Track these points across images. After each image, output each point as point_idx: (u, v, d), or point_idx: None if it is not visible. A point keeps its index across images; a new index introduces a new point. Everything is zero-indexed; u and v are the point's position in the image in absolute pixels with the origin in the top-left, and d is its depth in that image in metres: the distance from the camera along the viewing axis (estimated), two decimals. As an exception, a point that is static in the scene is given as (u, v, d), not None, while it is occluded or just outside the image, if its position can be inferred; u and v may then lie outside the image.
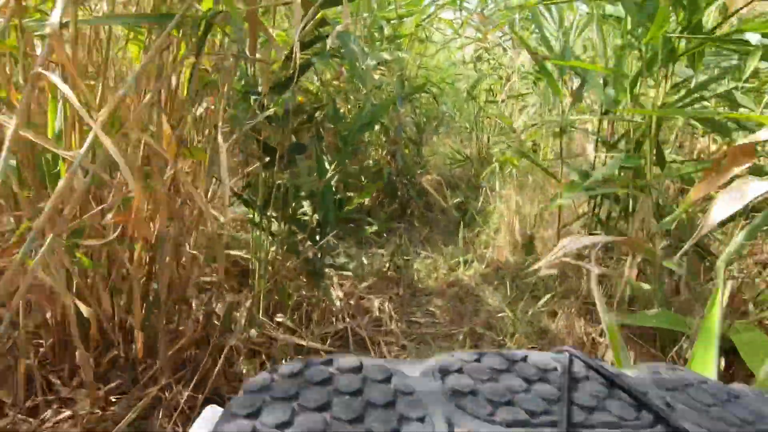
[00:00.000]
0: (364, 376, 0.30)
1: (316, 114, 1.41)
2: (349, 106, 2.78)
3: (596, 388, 0.31)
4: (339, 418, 0.26)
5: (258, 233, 1.39)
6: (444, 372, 0.31)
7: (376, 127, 2.94)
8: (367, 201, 2.98)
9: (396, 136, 2.88)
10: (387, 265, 2.02)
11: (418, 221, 2.98)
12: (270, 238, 1.43)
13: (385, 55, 2.44)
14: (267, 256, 1.45)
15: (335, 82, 2.37)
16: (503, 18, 2.67)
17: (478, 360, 0.32)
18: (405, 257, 2.43)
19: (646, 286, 1.07)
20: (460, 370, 0.31)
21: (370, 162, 2.89)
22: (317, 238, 1.41)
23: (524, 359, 0.33)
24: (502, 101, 3.09)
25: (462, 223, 2.89)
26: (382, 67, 2.76)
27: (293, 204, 1.41)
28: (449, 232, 2.87)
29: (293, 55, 1.05)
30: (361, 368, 0.31)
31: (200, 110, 1.62)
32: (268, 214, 1.40)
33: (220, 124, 1.05)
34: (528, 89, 3.17)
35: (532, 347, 1.49)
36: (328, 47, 1.11)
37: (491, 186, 2.71)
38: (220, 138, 1.02)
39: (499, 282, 1.97)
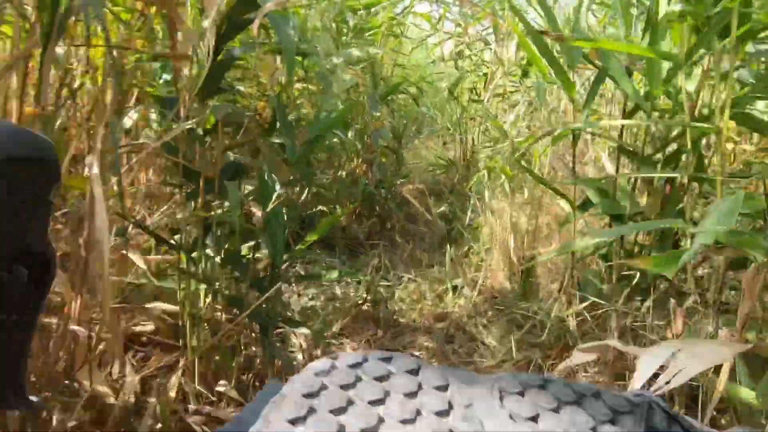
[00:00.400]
0: (420, 380, 0.29)
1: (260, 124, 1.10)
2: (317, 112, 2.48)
3: None
4: (392, 416, 0.26)
5: (188, 282, 1.07)
6: (503, 392, 0.30)
7: (351, 134, 2.65)
8: (344, 215, 2.68)
9: (372, 143, 2.58)
10: (363, 296, 1.71)
11: (400, 236, 2.68)
12: (205, 286, 1.11)
13: (355, 51, 2.13)
14: (203, 308, 1.13)
15: (299, 84, 2.06)
16: (486, 6, 2.39)
17: (542, 386, 0.30)
18: (385, 282, 2.13)
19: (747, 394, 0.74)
20: (521, 393, 0.30)
21: (344, 173, 2.58)
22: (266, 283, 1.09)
23: (596, 396, 0.30)
24: (487, 101, 2.82)
25: (449, 238, 2.60)
26: (353, 67, 2.46)
27: (234, 242, 1.09)
28: (435, 248, 2.58)
29: (208, 47, 0.74)
30: (419, 371, 0.30)
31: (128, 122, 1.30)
32: (202, 255, 1.08)
33: (98, 144, 0.73)
34: (515, 86, 2.91)
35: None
36: (255, 32, 0.80)
37: (480, 196, 2.43)
38: (94, 167, 0.69)
39: (495, 314, 1.68)
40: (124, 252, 1.07)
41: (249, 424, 0.28)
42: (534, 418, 0.27)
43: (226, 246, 1.03)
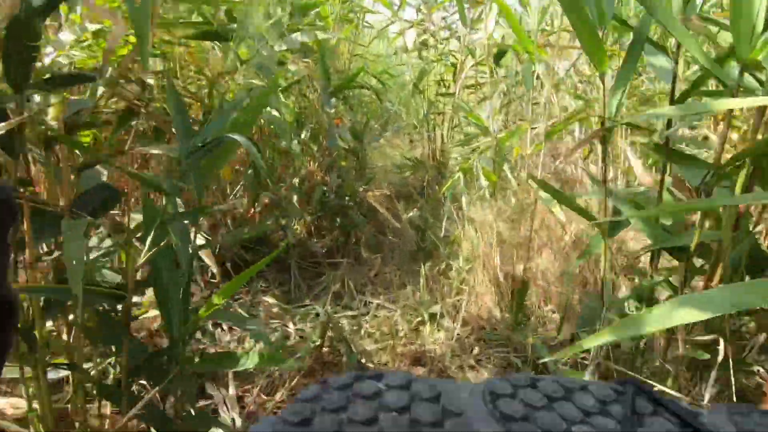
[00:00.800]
0: (412, 394, 0.30)
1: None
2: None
3: (665, 426, 0.28)
4: None
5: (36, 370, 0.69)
6: (495, 395, 0.30)
7: (305, 134, 2.29)
8: (300, 229, 2.32)
9: (329, 145, 2.24)
10: (317, 342, 1.37)
11: (366, 250, 2.34)
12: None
13: (301, 38, 1.78)
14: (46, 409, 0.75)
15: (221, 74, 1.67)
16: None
17: (532, 386, 0.31)
18: (349, 311, 1.79)
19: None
20: (512, 395, 0.30)
21: (296, 181, 2.22)
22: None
23: (583, 388, 0.31)
24: (457, 93, 2.54)
25: (422, 251, 2.29)
26: (302, 57, 2.11)
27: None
28: (407, 262, 2.27)
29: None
30: (409, 385, 0.31)
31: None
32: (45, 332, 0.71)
33: None
34: (484, 77, 2.64)
35: None
36: None
37: (455, 202, 2.13)
38: None
39: (482, 350, 1.38)
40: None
41: None
42: (526, 417, 0.28)
43: (92, 314, 0.67)
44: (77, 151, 0.70)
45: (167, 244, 0.68)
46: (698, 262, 0.79)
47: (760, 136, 0.66)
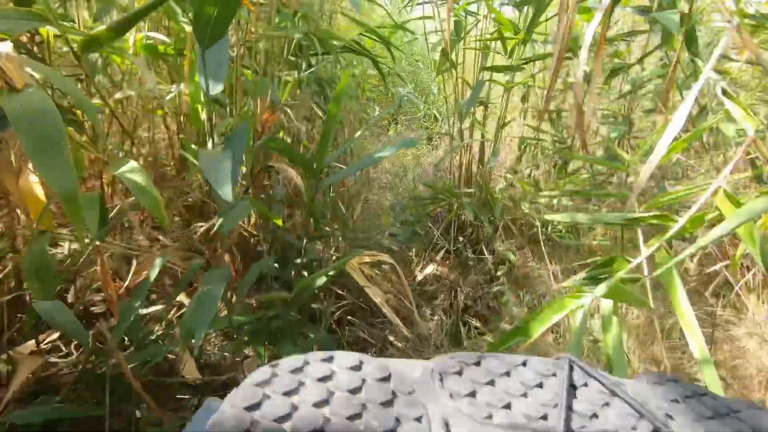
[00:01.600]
0: (363, 374, 0.30)
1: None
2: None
3: (595, 396, 0.31)
4: (338, 414, 0.26)
5: None
6: (443, 373, 0.31)
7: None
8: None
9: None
10: None
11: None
12: None
13: None
14: None
15: None
16: None
17: (477, 363, 0.33)
18: None
19: None
20: (459, 373, 0.31)
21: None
22: None
23: (524, 364, 0.33)
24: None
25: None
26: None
27: None
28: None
29: None
30: (360, 366, 0.31)
31: None
32: None
33: None
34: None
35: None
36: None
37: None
38: None
39: None
40: None
41: None
42: (472, 394, 0.29)
43: None
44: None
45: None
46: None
47: None
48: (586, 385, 0.32)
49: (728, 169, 0.61)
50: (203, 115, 1.18)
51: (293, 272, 0.98)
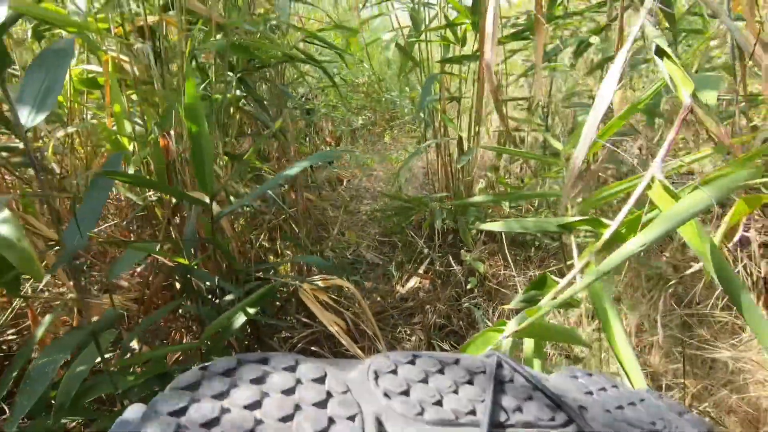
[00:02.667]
0: (298, 375, 0.29)
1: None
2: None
3: (519, 390, 0.32)
4: (269, 416, 0.26)
5: None
6: (378, 373, 0.31)
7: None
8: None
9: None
10: None
11: None
12: None
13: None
14: None
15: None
16: None
17: (412, 362, 0.33)
18: None
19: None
20: (394, 371, 0.32)
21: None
22: None
23: (456, 362, 0.34)
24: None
25: None
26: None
27: None
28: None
29: None
30: (296, 367, 0.30)
31: None
32: None
33: None
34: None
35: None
36: None
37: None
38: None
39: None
40: None
41: None
42: (406, 392, 0.30)
43: None
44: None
45: None
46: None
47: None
48: (512, 380, 0.33)
49: (662, 152, 0.47)
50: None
51: (212, 312, 0.88)
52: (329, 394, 0.29)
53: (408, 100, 3.54)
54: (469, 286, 1.25)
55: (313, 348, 1.26)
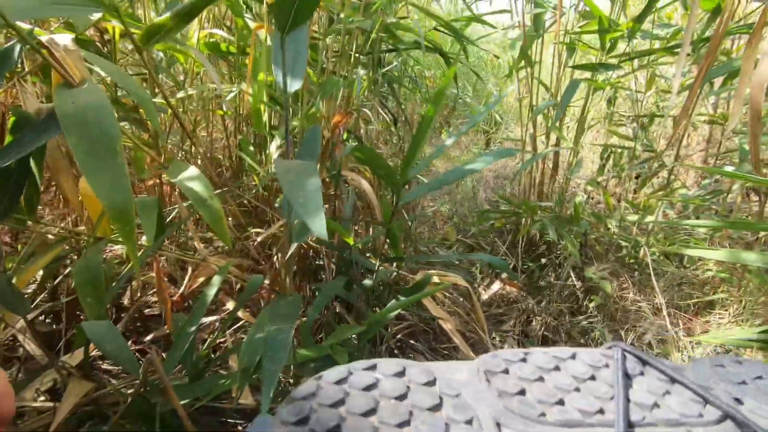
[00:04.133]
0: (408, 380, 0.29)
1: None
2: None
3: (654, 384, 0.29)
4: (386, 423, 0.26)
5: None
6: (489, 373, 0.30)
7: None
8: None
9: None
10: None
11: None
12: None
13: None
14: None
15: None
16: None
17: (524, 360, 0.32)
18: None
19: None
20: (506, 371, 0.31)
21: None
22: None
23: (573, 357, 0.32)
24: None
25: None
26: None
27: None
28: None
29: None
30: (404, 372, 0.30)
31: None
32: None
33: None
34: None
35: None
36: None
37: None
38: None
39: None
40: None
41: None
42: (522, 392, 0.28)
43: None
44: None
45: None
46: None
47: None
48: (642, 374, 0.30)
49: None
50: (265, 117, 1.09)
51: (359, 295, 0.86)
52: (441, 398, 0.28)
53: (474, 97, 3.46)
54: (592, 305, 1.20)
55: (411, 341, 1.25)
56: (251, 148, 1.25)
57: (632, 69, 1.39)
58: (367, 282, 0.88)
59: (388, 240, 0.88)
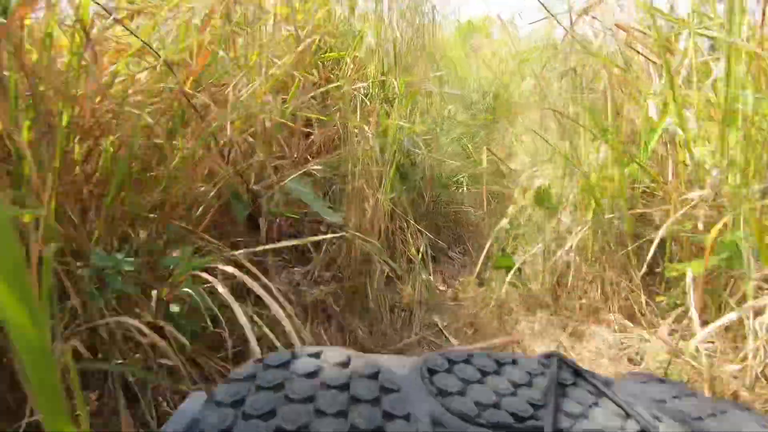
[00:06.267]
0: (351, 371, 0.29)
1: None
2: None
3: (584, 396, 0.30)
4: (323, 411, 0.26)
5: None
6: (432, 371, 0.31)
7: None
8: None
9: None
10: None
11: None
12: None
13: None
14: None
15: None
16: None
17: (467, 361, 0.32)
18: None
19: None
20: (448, 370, 0.31)
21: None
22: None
23: (514, 362, 0.33)
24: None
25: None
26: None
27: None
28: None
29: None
30: (348, 362, 0.30)
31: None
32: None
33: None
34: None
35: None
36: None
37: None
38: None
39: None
40: None
41: None
42: (461, 392, 0.29)
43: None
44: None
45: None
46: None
47: None
48: (575, 384, 0.31)
49: None
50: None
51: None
52: (382, 392, 0.28)
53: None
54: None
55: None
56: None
57: None
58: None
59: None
